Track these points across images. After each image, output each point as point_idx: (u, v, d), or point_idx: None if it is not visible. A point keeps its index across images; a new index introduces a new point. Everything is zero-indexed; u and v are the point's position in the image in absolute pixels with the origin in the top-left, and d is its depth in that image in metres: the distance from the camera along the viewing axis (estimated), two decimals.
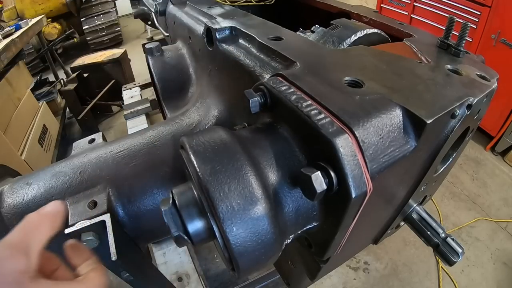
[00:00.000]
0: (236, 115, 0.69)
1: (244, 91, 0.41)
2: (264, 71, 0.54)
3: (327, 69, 0.46)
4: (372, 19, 0.80)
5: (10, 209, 0.56)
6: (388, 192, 0.42)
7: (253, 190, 0.32)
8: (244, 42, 0.63)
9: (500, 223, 2.11)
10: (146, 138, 0.69)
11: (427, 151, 0.41)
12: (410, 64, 0.48)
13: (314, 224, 0.38)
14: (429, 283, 1.80)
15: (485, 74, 0.48)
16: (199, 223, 0.34)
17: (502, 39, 2.25)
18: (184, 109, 0.84)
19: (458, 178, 2.42)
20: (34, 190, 0.58)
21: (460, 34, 0.52)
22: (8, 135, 1.96)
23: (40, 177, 0.61)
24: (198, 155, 0.33)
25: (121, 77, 3.10)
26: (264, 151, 0.37)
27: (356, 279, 1.83)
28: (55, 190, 0.58)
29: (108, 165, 0.61)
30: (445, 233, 0.51)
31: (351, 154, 0.31)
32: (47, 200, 0.57)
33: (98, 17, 4.83)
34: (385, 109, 0.36)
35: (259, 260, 0.33)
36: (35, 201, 0.57)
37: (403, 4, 2.97)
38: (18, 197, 0.57)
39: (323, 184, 0.31)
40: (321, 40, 0.67)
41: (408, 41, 0.62)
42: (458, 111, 0.39)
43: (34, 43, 4.17)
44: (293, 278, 0.61)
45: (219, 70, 0.73)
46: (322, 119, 0.33)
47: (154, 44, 0.95)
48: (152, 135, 0.70)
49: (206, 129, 0.38)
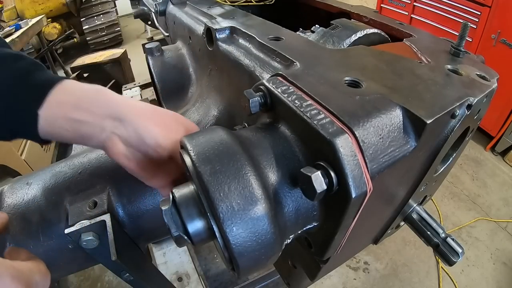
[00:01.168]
0: (236, 115, 0.69)
1: (244, 91, 0.41)
2: (264, 71, 0.54)
3: (327, 69, 0.46)
4: (372, 19, 0.80)
5: (10, 209, 0.56)
6: (388, 192, 0.42)
7: (253, 190, 0.32)
8: (244, 42, 0.63)
9: (500, 223, 2.11)
10: None
11: (427, 151, 0.41)
12: (410, 64, 0.48)
13: (314, 224, 0.38)
14: (429, 283, 1.80)
15: (485, 74, 0.48)
16: (199, 223, 0.34)
17: (502, 39, 2.25)
18: (184, 109, 0.84)
19: (458, 178, 2.42)
20: (34, 190, 0.58)
21: (460, 34, 0.52)
22: None
23: (40, 177, 0.61)
24: (198, 155, 0.33)
25: (121, 77, 3.10)
26: (264, 151, 0.37)
27: (356, 279, 1.83)
28: (55, 190, 0.58)
29: (108, 165, 0.61)
30: (445, 233, 0.51)
31: (351, 154, 0.31)
32: (47, 200, 0.57)
33: (98, 17, 4.83)
34: (385, 109, 0.36)
35: (259, 260, 0.33)
36: (35, 201, 0.57)
37: (403, 4, 2.97)
38: (18, 197, 0.57)
39: (323, 184, 0.31)
40: (321, 40, 0.67)
41: (408, 41, 0.62)
42: (458, 111, 0.39)
43: (34, 43, 4.17)
44: (293, 278, 0.61)
45: (219, 70, 0.73)
46: (322, 119, 0.33)
47: (154, 44, 0.95)
48: None
49: (206, 129, 0.38)
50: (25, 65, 0.44)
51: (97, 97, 0.45)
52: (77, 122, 0.43)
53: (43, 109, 0.42)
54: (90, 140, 0.44)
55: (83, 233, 0.50)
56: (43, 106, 0.42)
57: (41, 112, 0.42)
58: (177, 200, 0.35)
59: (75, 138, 0.45)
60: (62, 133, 0.43)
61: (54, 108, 0.43)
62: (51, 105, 0.42)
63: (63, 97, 0.43)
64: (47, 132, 0.43)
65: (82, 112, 0.43)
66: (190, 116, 0.79)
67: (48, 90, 0.43)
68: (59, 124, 0.43)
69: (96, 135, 0.44)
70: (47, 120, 0.42)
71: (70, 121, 0.43)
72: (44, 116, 0.42)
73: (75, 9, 4.74)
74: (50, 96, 0.42)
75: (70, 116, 0.43)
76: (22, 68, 0.44)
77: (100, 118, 0.44)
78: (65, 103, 0.43)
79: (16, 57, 0.45)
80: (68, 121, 0.43)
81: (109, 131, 0.44)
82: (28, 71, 0.44)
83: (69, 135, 0.44)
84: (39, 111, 0.42)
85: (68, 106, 0.43)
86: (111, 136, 0.44)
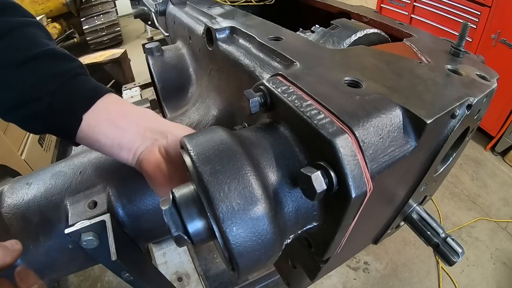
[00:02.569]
0: (236, 115, 0.69)
1: (244, 91, 0.41)
2: (264, 71, 0.54)
3: (327, 69, 0.46)
4: (372, 19, 0.80)
5: (10, 209, 0.56)
6: (388, 192, 0.42)
7: (253, 190, 0.32)
8: (244, 42, 0.63)
9: (500, 223, 2.11)
10: None
11: (427, 151, 0.41)
12: (410, 64, 0.48)
13: (314, 224, 0.38)
14: (429, 283, 1.80)
15: (485, 74, 0.48)
16: (199, 223, 0.34)
17: (502, 39, 2.25)
18: (184, 109, 0.84)
19: (458, 178, 2.42)
20: (34, 190, 0.58)
21: (460, 34, 0.52)
22: (8, 135, 1.96)
23: (40, 177, 0.61)
24: (198, 155, 0.33)
25: (121, 77, 3.10)
26: (264, 151, 0.37)
27: (356, 279, 1.83)
28: (55, 190, 0.58)
29: (108, 165, 0.61)
30: (445, 233, 0.51)
31: (351, 154, 0.31)
32: (47, 200, 0.57)
33: (98, 17, 4.82)
34: (385, 109, 0.36)
35: (259, 260, 0.33)
36: (35, 201, 0.57)
37: (403, 4, 2.97)
38: (18, 197, 0.57)
39: (323, 184, 0.31)
40: (321, 40, 0.67)
41: (408, 41, 0.62)
42: (458, 111, 0.39)
43: None
44: (293, 278, 0.61)
45: (219, 70, 0.73)
46: (322, 119, 0.33)
47: (154, 44, 0.95)
48: None
49: (206, 129, 0.38)
50: (75, 68, 0.46)
51: (145, 113, 0.48)
52: (121, 130, 0.45)
53: (89, 113, 0.44)
54: (126, 150, 0.46)
55: (83, 233, 0.50)
56: (89, 111, 0.45)
57: (86, 116, 0.44)
58: (177, 200, 0.35)
59: (111, 146, 0.46)
60: (99, 138, 0.45)
61: (102, 113, 0.45)
62: (98, 111, 0.45)
63: (112, 106, 0.47)
64: (85, 135, 0.46)
65: (129, 122, 0.46)
66: (190, 116, 0.79)
67: (98, 97, 0.45)
68: (100, 129, 0.45)
69: (135, 146, 0.46)
70: (89, 125, 0.45)
71: (114, 127, 0.45)
72: (87, 120, 0.45)
73: (75, 9, 4.74)
74: (99, 103, 0.45)
75: (116, 123, 0.45)
76: (72, 69, 0.46)
77: (144, 130, 0.46)
78: (114, 111, 0.46)
79: (71, 59, 0.47)
80: (112, 127, 0.45)
81: (150, 142, 0.46)
82: (78, 74, 0.46)
83: (107, 141, 0.46)
84: (85, 115, 0.44)
85: (116, 114, 0.46)
86: (151, 146, 0.46)
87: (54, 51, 0.46)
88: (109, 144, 0.46)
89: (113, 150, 0.47)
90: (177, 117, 0.81)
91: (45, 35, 0.48)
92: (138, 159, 0.47)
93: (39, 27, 0.49)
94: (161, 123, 0.48)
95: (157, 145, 0.46)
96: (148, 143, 0.46)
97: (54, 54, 0.45)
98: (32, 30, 0.46)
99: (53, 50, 0.46)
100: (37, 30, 0.47)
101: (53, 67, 0.44)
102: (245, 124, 0.49)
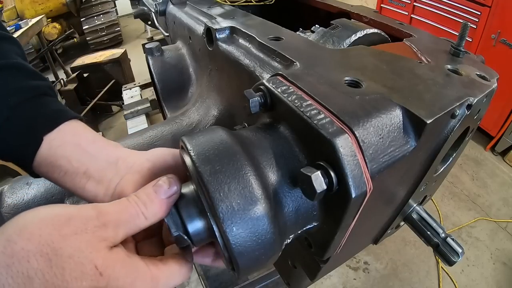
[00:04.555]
0: (236, 115, 0.69)
1: (244, 91, 0.41)
2: (264, 71, 0.54)
3: (327, 69, 0.46)
4: (372, 19, 0.80)
5: (10, 209, 0.56)
6: (388, 192, 0.42)
7: (253, 190, 0.32)
8: (244, 42, 0.63)
9: (500, 223, 2.11)
10: (146, 138, 0.69)
11: (427, 151, 0.41)
12: (410, 64, 0.48)
13: (314, 224, 0.38)
14: (429, 283, 1.80)
15: (485, 74, 0.48)
16: (199, 223, 0.34)
17: (502, 39, 2.25)
18: (184, 109, 0.84)
19: (458, 178, 2.42)
20: (34, 190, 0.58)
21: (460, 34, 0.52)
22: None
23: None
24: (198, 155, 0.33)
25: (121, 77, 3.10)
26: (264, 151, 0.37)
27: (356, 279, 1.83)
28: (55, 190, 0.58)
29: None
30: (445, 233, 0.51)
31: (351, 154, 0.31)
32: (47, 200, 0.57)
33: (98, 17, 4.83)
34: (385, 109, 0.36)
35: (259, 260, 0.33)
36: (35, 201, 0.57)
37: (403, 4, 2.97)
38: (18, 197, 0.58)
39: (323, 184, 0.31)
40: (321, 40, 0.67)
41: (408, 41, 0.62)
42: (458, 111, 0.39)
43: (34, 43, 4.17)
44: (293, 278, 0.61)
45: (219, 70, 0.73)
46: (322, 119, 0.33)
47: (154, 44, 0.95)
48: (152, 135, 0.71)
49: (206, 129, 0.38)
50: (43, 86, 0.43)
51: (117, 144, 0.44)
52: (89, 155, 0.40)
53: (51, 135, 0.39)
54: (94, 181, 0.40)
55: None
56: (52, 133, 0.39)
57: (47, 137, 0.39)
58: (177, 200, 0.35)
59: (75, 174, 0.39)
60: (61, 163, 0.39)
61: (67, 135, 0.40)
62: (63, 132, 0.40)
63: (80, 130, 0.42)
64: (43, 159, 0.39)
65: (99, 148, 0.41)
66: (190, 116, 0.79)
67: (64, 120, 0.41)
68: (63, 152, 0.39)
69: (107, 177, 0.40)
70: (50, 147, 0.39)
71: (81, 151, 0.40)
72: (48, 141, 0.39)
73: (75, 9, 4.74)
74: (65, 125, 0.40)
75: (84, 147, 0.40)
76: (39, 87, 0.42)
77: (116, 159, 0.41)
78: (81, 135, 0.41)
79: (40, 77, 0.44)
80: (78, 150, 0.39)
81: (124, 172, 0.40)
82: (45, 93, 0.42)
83: (69, 168, 0.39)
84: (46, 136, 0.39)
85: (84, 138, 0.41)
86: (128, 175, 0.40)
87: (23, 66, 0.42)
88: (71, 171, 0.39)
89: (77, 179, 0.39)
90: (177, 117, 0.81)
91: (19, 51, 0.45)
92: (114, 191, 0.39)
93: (15, 43, 0.45)
94: (134, 153, 0.43)
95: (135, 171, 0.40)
96: (123, 173, 0.39)
97: (22, 69, 0.42)
98: (4, 44, 0.43)
99: (22, 64, 0.42)
100: (11, 46, 0.44)
101: (18, 82, 0.40)
102: (245, 124, 0.49)
